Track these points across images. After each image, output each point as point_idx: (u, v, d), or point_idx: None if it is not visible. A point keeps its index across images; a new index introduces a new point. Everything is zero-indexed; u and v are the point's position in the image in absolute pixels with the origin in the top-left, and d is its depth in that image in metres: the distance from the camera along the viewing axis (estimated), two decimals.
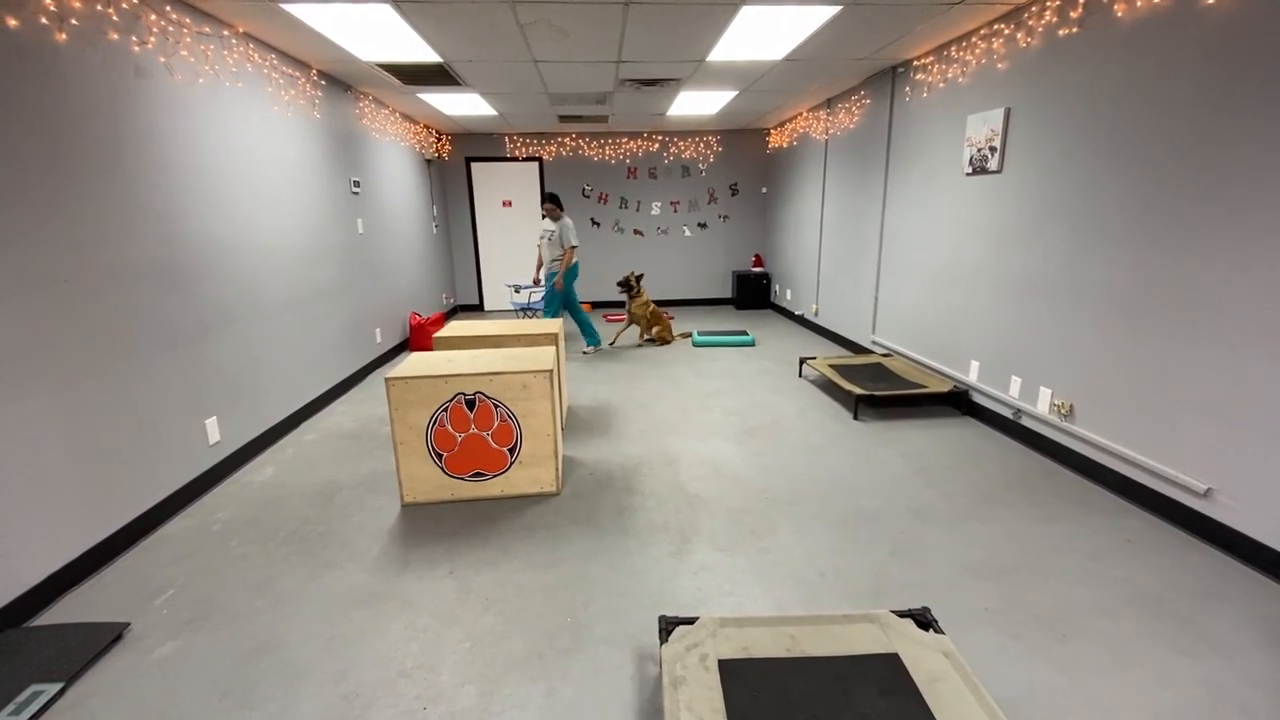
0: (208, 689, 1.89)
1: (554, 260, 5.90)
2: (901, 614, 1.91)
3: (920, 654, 1.74)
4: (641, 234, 8.79)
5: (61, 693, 1.86)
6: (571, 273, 5.89)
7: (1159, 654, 1.95)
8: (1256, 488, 2.39)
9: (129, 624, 2.18)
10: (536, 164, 8.48)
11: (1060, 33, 3.22)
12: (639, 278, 6.35)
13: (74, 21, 2.49)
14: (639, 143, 8.45)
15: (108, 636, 2.08)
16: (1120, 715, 1.72)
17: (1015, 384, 3.68)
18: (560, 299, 5.95)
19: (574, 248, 5.83)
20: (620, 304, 8.99)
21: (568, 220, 5.84)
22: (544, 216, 5.91)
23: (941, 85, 4.31)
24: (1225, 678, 1.85)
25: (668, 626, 1.88)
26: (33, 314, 2.27)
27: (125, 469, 2.70)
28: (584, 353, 6.12)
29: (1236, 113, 2.38)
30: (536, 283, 6.14)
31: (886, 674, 1.67)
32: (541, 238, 5.91)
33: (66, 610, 2.28)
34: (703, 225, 8.83)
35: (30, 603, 2.23)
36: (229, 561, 2.58)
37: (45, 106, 2.35)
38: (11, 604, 2.16)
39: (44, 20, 2.35)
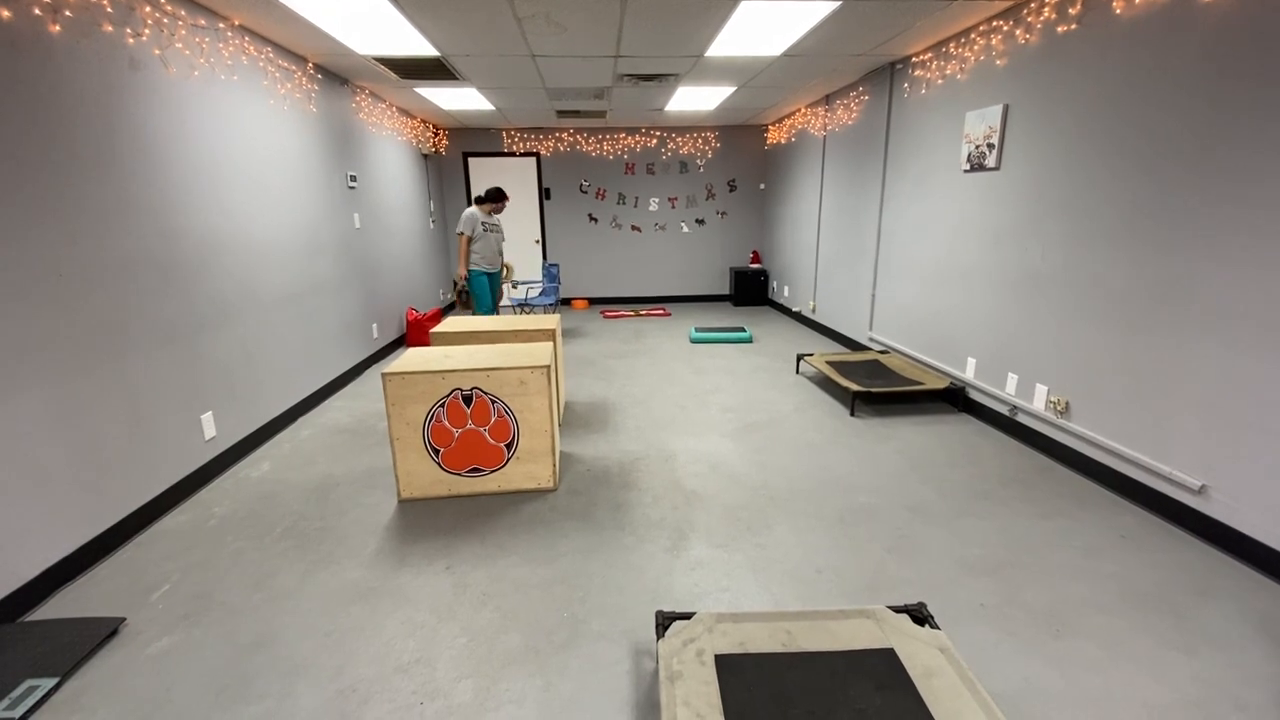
0: (204, 684, 1.89)
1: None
2: (898, 609, 1.92)
3: (916, 649, 1.75)
4: (639, 230, 8.78)
5: (57, 687, 1.86)
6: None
7: (1153, 650, 1.96)
8: (1251, 484, 2.40)
9: (125, 619, 2.18)
10: (534, 159, 8.46)
11: (1059, 30, 3.22)
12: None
13: (68, 13, 2.47)
14: (637, 138, 8.43)
15: (103, 631, 2.08)
16: (1114, 710, 1.73)
17: (1011, 381, 3.68)
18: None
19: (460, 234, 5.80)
20: (621, 300, 8.98)
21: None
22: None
23: (940, 82, 4.30)
24: (1219, 673, 1.86)
25: (664, 622, 1.88)
26: (27, 308, 2.25)
27: (121, 464, 2.69)
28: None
29: (1233, 111, 2.38)
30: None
31: (882, 669, 1.68)
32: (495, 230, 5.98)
33: (62, 605, 2.27)
34: (700, 221, 8.82)
35: (25, 597, 2.23)
36: (225, 557, 2.58)
37: (39, 99, 2.33)
38: (7, 598, 2.15)
39: (37, 11, 2.33)
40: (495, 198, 5.79)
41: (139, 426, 2.80)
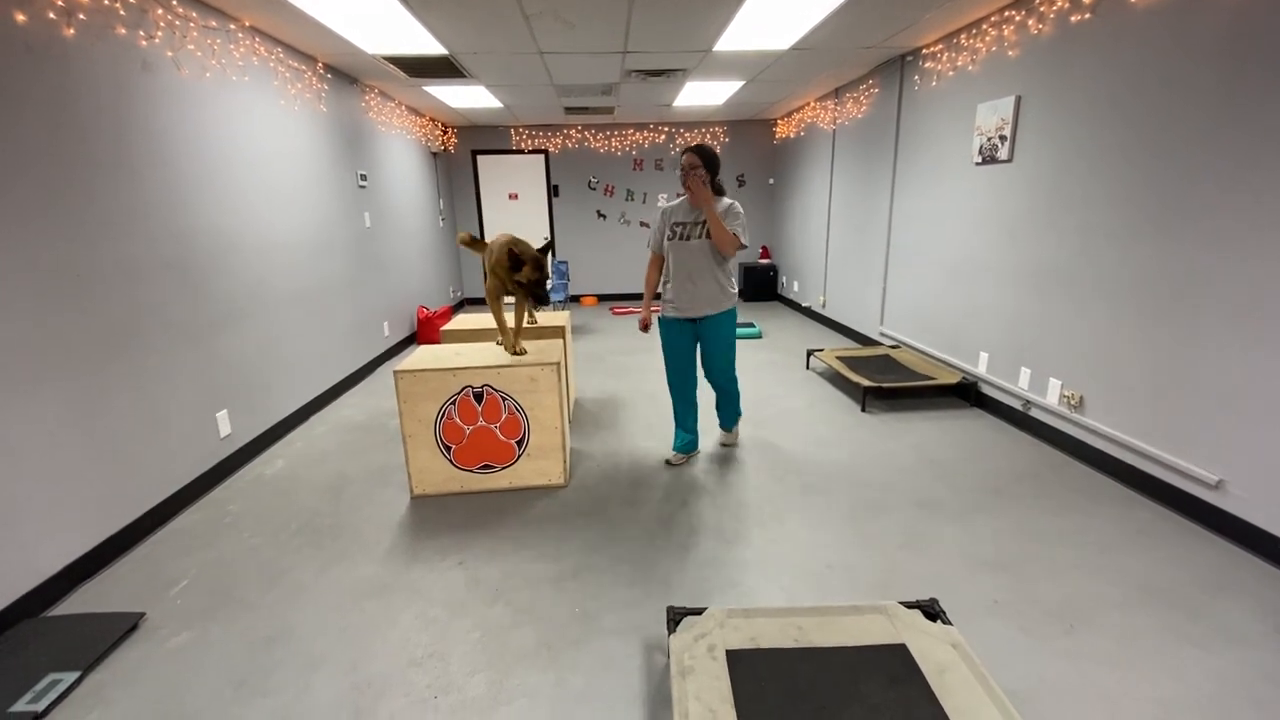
0: (222, 678, 1.91)
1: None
2: (910, 605, 1.91)
3: (928, 645, 1.74)
4: (648, 226, 8.75)
5: (79, 681, 1.89)
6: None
7: (1169, 646, 1.94)
8: (1269, 479, 2.36)
9: (144, 614, 2.21)
10: (542, 156, 8.46)
11: (1072, 19, 3.17)
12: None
13: (81, 16, 2.49)
14: (645, 134, 8.41)
15: (123, 626, 2.11)
16: (1129, 707, 1.72)
17: (1024, 375, 3.65)
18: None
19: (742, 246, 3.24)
20: (630, 297, 8.97)
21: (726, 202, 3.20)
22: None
23: (951, 74, 4.26)
24: (1236, 670, 1.84)
25: (676, 617, 1.89)
26: (45, 309, 2.29)
27: (139, 462, 2.73)
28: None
29: (1251, 100, 2.34)
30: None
31: (895, 665, 1.68)
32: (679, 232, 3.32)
33: (83, 600, 2.31)
34: None
35: (47, 593, 2.27)
36: (241, 553, 2.61)
37: (53, 102, 2.36)
38: (29, 594, 2.20)
39: (52, 15, 2.36)
40: (703, 167, 3.03)
41: (156, 424, 2.83)
